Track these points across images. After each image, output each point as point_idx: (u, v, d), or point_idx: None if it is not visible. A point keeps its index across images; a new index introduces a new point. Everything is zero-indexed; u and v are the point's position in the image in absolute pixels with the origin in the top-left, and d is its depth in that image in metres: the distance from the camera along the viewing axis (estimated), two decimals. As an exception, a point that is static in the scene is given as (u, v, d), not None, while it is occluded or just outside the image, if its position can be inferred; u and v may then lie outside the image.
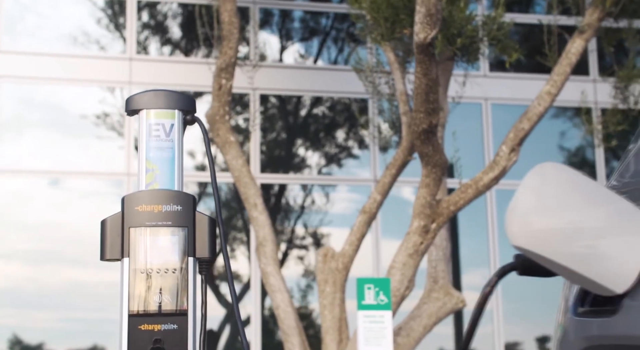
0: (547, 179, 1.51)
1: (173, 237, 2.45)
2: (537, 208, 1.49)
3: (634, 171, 1.81)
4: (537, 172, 1.51)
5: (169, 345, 2.35)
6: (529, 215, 1.47)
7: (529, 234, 1.47)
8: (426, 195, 5.94)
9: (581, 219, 1.48)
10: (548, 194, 1.50)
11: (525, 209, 1.48)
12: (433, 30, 4.98)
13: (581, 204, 1.50)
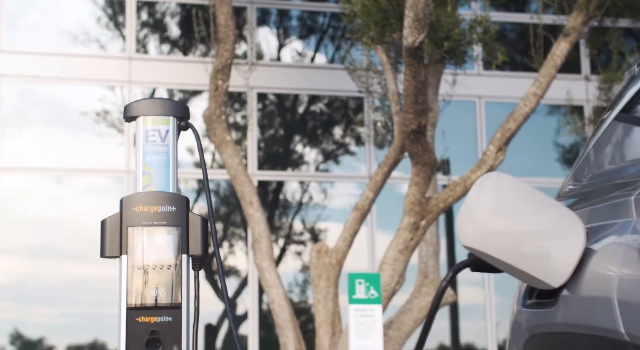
0: (495, 188, 1.70)
1: (168, 236, 2.64)
2: (486, 214, 1.68)
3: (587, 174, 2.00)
4: (485, 182, 1.70)
5: (164, 336, 2.54)
6: (479, 220, 1.67)
7: (478, 237, 1.66)
8: (416, 193, 6.13)
9: (525, 224, 1.68)
10: (497, 201, 1.69)
11: (475, 215, 1.68)
12: (421, 34, 5.16)
13: (525, 210, 1.69)
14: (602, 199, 1.76)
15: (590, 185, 1.92)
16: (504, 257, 1.65)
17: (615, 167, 1.87)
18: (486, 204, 1.68)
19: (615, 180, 1.77)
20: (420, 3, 5.05)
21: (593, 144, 1.99)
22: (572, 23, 6.15)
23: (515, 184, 1.71)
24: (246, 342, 11.05)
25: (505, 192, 1.70)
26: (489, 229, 1.66)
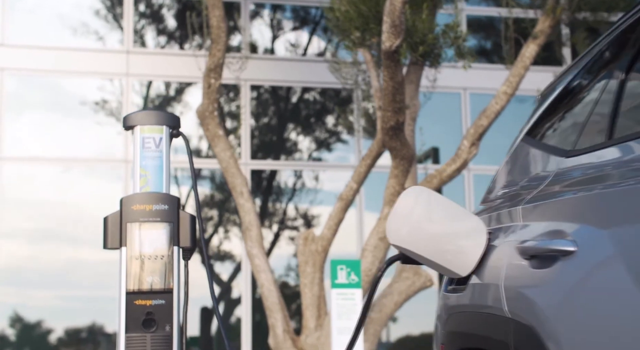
0: (427, 200, 2.14)
1: (161, 230, 3.09)
2: (422, 220, 2.12)
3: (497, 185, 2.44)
4: (418, 194, 2.14)
5: (158, 316, 2.99)
6: (416, 225, 2.10)
7: (411, 237, 2.10)
8: (395, 185, 6.57)
9: (447, 228, 2.12)
10: (429, 210, 2.13)
11: (412, 220, 2.11)
12: (397, 39, 5.58)
13: (447, 218, 2.13)
14: (501, 207, 2.20)
15: (497, 195, 2.36)
16: (426, 254, 2.09)
17: (514, 182, 2.31)
18: (422, 212, 2.12)
19: (512, 192, 2.21)
20: (397, 10, 5.46)
21: (505, 160, 2.43)
22: (540, 26, 6.57)
23: (439, 197, 2.15)
24: (240, 324, 11.50)
25: (434, 203, 2.13)
26: (424, 231, 2.10)
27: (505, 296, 1.90)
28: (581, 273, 1.64)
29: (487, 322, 1.98)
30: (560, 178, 1.96)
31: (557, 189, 1.92)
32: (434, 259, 2.10)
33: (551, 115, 2.30)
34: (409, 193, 2.15)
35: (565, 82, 2.29)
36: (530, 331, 1.75)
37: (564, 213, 1.81)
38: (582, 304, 1.62)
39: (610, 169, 1.75)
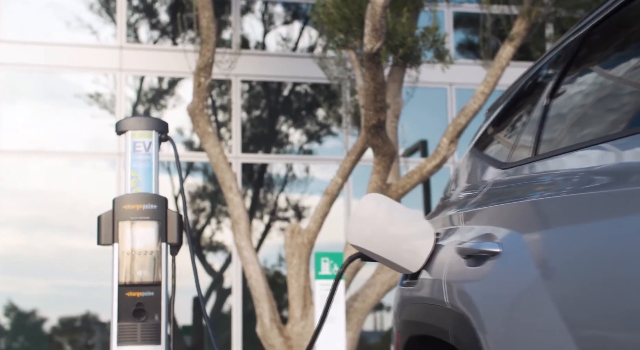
0: (388, 205, 2.42)
1: (151, 228, 3.37)
2: (385, 223, 2.40)
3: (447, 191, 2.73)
4: (371, 200, 2.42)
5: (147, 307, 3.28)
6: (380, 228, 2.38)
7: (365, 238, 2.38)
8: (377, 180, 6.85)
9: (404, 231, 2.40)
10: (390, 214, 2.41)
11: (376, 223, 2.39)
12: (378, 42, 5.85)
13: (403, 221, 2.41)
14: (448, 211, 2.49)
15: (448, 199, 2.65)
16: (383, 253, 2.38)
17: (461, 188, 2.60)
18: (384, 217, 2.40)
19: (458, 198, 2.50)
20: (377, 14, 5.73)
21: (456, 167, 2.71)
22: (516, 29, 6.86)
23: (395, 204, 2.44)
24: (230, 313, 11.79)
25: (393, 209, 2.42)
26: (386, 234, 2.38)
27: (446, 290, 2.19)
28: (504, 272, 1.93)
29: (432, 312, 2.27)
30: (495, 188, 2.25)
31: (491, 198, 2.21)
32: (389, 258, 2.38)
33: (493, 129, 2.59)
34: (370, 200, 2.43)
35: (507, 99, 2.57)
36: (465, 320, 2.04)
37: (494, 219, 2.10)
38: (504, 298, 1.91)
39: (532, 182, 2.03)
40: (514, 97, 2.53)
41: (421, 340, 2.41)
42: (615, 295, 1.51)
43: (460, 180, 2.64)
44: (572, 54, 2.10)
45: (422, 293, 2.36)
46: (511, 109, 2.52)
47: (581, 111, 2.01)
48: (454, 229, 2.33)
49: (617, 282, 1.52)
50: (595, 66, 2.04)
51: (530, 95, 2.38)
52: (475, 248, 2.06)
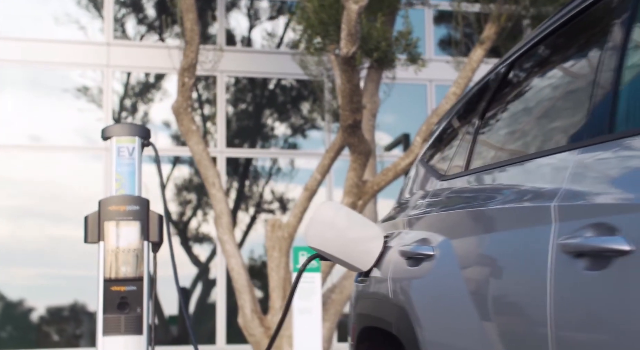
0: (346, 212, 2.72)
1: (133, 227, 3.67)
2: (345, 227, 2.70)
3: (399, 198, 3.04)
4: (331, 208, 2.72)
5: (130, 300, 3.58)
6: (341, 231, 2.68)
7: (320, 241, 2.69)
8: (354, 177, 7.16)
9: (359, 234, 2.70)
10: (349, 219, 2.71)
11: (336, 227, 2.69)
12: (354, 46, 6.14)
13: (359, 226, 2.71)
14: (397, 216, 2.80)
15: (399, 205, 2.96)
16: (339, 254, 2.68)
17: (408, 196, 2.90)
18: (343, 222, 2.70)
19: (406, 204, 2.81)
20: (352, 20, 6.02)
21: (408, 175, 3.02)
22: (486, 33, 7.17)
23: (351, 211, 2.74)
24: (215, 304, 12.09)
25: (350, 216, 2.73)
26: (345, 237, 2.69)
27: (391, 287, 2.49)
28: (436, 272, 2.24)
29: (380, 306, 2.57)
30: (434, 197, 2.55)
31: (430, 206, 2.52)
32: (344, 258, 2.69)
33: (438, 143, 2.90)
34: (329, 207, 2.73)
35: (450, 116, 2.88)
36: (405, 314, 2.35)
37: (430, 225, 2.41)
38: (436, 295, 2.22)
39: (462, 194, 2.34)
40: (454, 115, 2.84)
41: (371, 331, 2.72)
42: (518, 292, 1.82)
43: (410, 188, 2.94)
44: (500, 81, 2.41)
45: (372, 289, 2.67)
46: (452, 126, 2.83)
47: (503, 133, 2.32)
48: (399, 232, 2.64)
49: (519, 281, 1.83)
50: (516, 93, 2.35)
51: (466, 115, 2.69)
52: (413, 251, 2.37)
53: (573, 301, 1.59)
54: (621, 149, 1.61)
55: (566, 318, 1.60)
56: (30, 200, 12.47)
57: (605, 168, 1.64)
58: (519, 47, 2.35)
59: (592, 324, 1.54)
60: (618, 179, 1.57)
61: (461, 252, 2.14)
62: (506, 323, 1.86)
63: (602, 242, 1.50)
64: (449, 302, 2.13)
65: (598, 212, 1.56)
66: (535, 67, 2.29)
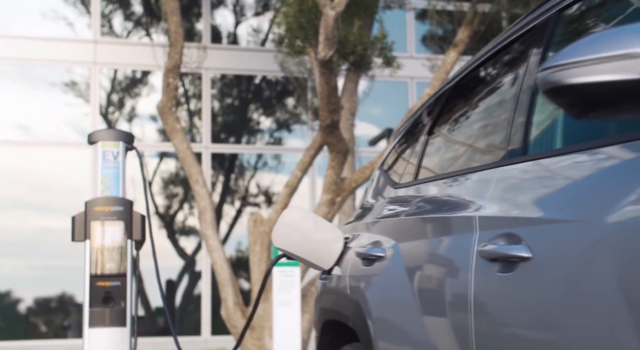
0: (312, 216, 2.99)
1: (118, 227, 3.93)
2: (312, 230, 2.97)
3: (361, 201, 3.32)
4: (297, 213, 2.99)
5: (114, 295, 3.85)
6: (307, 234, 2.95)
7: (287, 243, 2.96)
8: (332, 175, 7.43)
9: (322, 237, 2.98)
10: (315, 223, 2.98)
11: (303, 230, 2.96)
12: (331, 50, 6.41)
13: (322, 229, 2.99)
14: (357, 220, 3.08)
15: (359, 210, 3.24)
16: (304, 255, 2.96)
17: (369, 201, 3.18)
18: (310, 226, 2.98)
19: (366, 209, 3.09)
20: (329, 25, 6.29)
21: (370, 182, 3.30)
22: (460, 36, 7.45)
23: (315, 216, 3.02)
24: (200, 297, 12.36)
25: (315, 220, 3.00)
26: (311, 239, 2.96)
27: (348, 284, 2.77)
28: (385, 271, 2.52)
29: (339, 301, 2.85)
30: (388, 204, 2.83)
31: (384, 212, 2.80)
32: (308, 258, 2.97)
33: (394, 153, 3.18)
34: (295, 212, 3.01)
35: (405, 129, 3.16)
36: (359, 308, 2.62)
37: (383, 229, 2.68)
38: (384, 292, 2.50)
39: (409, 202, 2.62)
40: (408, 128, 3.12)
41: (333, 324, 3.00)
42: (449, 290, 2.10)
43: (371, 193, 3.22)
44: (444, 102, 2.69)
45: (333, 286, 2.95)
46: (406, 138, 3.11)
47: (444, 149, 2.60)
48: (358, 235, 2.92)
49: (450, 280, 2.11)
50: (455, 115, 2.63)
51: (417, 128, 2.96)
52: (367, 252, 2.65)
53: (488, 298, 1.87)
54: (531, 169, 1.89)
55: (483, 311, 1.89)
56: (17, 190, 12.47)
57: (517, 185, 1.92)
58: (458, 73, 2.63)
59: (503, 316, 1.82)
60: (525, 195, 1.85)
61: (406, 254, 2.41)
62: (440, 315, 2.14)
63: (510, 250, 1.78)
64: (396, 299, 2.41)
65: (508, 224, 1.84)
66: (469, 93, 2.57)
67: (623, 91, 1.31)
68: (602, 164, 1.61)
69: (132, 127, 13.35)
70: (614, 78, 1.31)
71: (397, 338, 2.40)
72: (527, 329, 1.72)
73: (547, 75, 1.38)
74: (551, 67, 1.38)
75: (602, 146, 1.61)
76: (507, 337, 1.79)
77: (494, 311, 1.86)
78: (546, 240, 1.68)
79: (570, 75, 1.35)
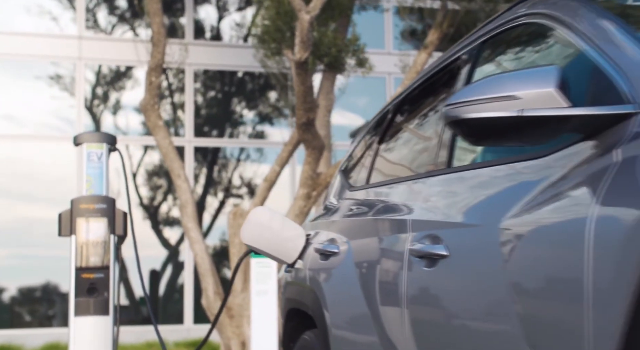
0: (279, 215, 3.31)
1: (101, 223, 4.24)
2: (280, 228, 3.29)
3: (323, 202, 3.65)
4: (265, 213, 3.31)
5: (98, 286, 4.16)
6: (276, 232, 3.27)
7: (255, 239, 3.28)
8: (308, 170, 7.76)
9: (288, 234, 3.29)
10: (282, 222, 3.30)
11: (272, 228, 3.28)
12: (306, 52, 6.73)
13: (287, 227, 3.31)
14: (319, 218, 3.41)
15: (323, 209, 3.57)
16: (271, 250, 3.28)
17: (329, 201, 3.51)
18: (278, 224, 3.30)
19: (327, 208, 3.42)
20: (305, 29, 6.60)
21: (331, 183, 3.63)
22: (430, 38, 7.78)
23: (282, 215, 3.34)
24: (183, 287, 12.67)
25: (283, 219, 3.32)
26: (279, 237, 3.28)
27: (308, 276, 3.10)
28: (338, 266, 2.85)
29: (300, 291, 3.18)
30: (344, 204, 3.16)
31: (340, 212, 3.13)
32: (274, 253, 3.29)
33: (352, 157, 3.51)
34: (264, 212, 3.32)
35: (360, 135, 3.49)
36: (316, 297, 2.95)
37: (338, 228, 3.01)
38: (338, 283, 2.83)
39: (360, 204, 2.95)
40: (363, 136, 3.45)
41: (296, 313, 3.33)
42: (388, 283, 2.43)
43: (332, 194, 3.55)
44: (390, 118, 3.02)
45: (295, 278, 3.28)
46: (362, 143, 3.44)
47: (389, 158, 2.93)
48: (318, 233, 3.25)
49: (389, 275, 2.44)
50: (399, 128, 2.96)
51: (370, 138, 3.30)
52: (324, 248, 2.98)
53: (417, 290, 2.20)
54: (452, 180, 2.22)
55: (413, 301, 2.22)
56: (1, 179, 12.50)
57: (440, 193, 2.26)
58: (402, 92, 2.97)
59: (428, 305, 2.16)
60: (445, 202, 2.19)
61: (356, 251, 2.75)
62: (381, 305, 2.48)
63: (432, 249, 2.11)
64: (347, 290, 2.74)
65: (432, 226, 2.17)
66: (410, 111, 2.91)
67: (505, 125, 1.64)
68: (499, 179, 1.95)
69: (117, 119, 13.61)
70: (497, 114, 1.64)
71: (348, 325, 2.73)
72: (447, 316, 2.06)
73: (448, 110, 1.71)
74: (452, 104, 1.71)
75: (501, 164, 1.95)
76: (431, 323, 2.13)
77: (421, 301, 2.19)
78: (460, 241, 2.01)
79: (465, 112, 1.68)
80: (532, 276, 1.65)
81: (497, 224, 1.81)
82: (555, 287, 1.55)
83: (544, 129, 1.62)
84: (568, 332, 1.49)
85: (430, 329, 2.12)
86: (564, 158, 1.70)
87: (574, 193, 1.57)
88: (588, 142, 1.64)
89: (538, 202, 1.69)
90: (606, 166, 1.51)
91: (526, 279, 1.67)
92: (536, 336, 1.61)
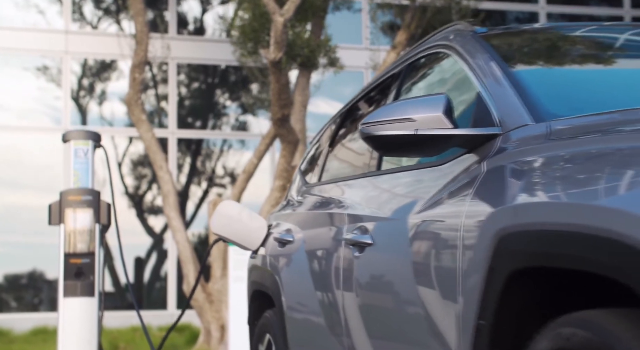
0: (245, 209, 3.76)
1: (87, 213, 4.68)
2: (248, 220, 3.73)
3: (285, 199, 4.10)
4: (235, 206, 3.76)
5: (85, 270, 4.60)
6: (245, 223, 3.72)
7: (225, 230, 3.73)
8: (284, 163, 8.20)
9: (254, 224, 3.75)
10: (250, 215, 3.75)
11: (241, 219, 3.72)
12: (280, 52, 7.16)
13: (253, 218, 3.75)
14: (280, 210, 3.87)
15: (284, 203, 4.02)
16: (238, 239, 3.73)
17: (290, 195, 3.97)
18: (246, 217, 3.75)
19: (288, 202, 3.88)
20: (279, 30, 7.03)
21: (293, 177, 4.09)
22: (398, 38, 8.23)
23: (247, 209, 3.79)
24: (167, 274, 13.10)
25: (249, 212, 3.78)
26: (247, 227, 3.73)
27: (269, 261, 3.56)
28: (292, 253, 3.30)
29: (262, 275, 3.64)
30: (300, 199, 3.62)
31: (297, 206, 3.58)
32: (241, 242, 3.75)
33: (310, 156, 3.97)
34: (232, 206, 3.77)
35: (318, 136, 3.95)
36: (275, 280, 3.41)
37: (294, 220, 3.47)
38: (292, 268, 3.29)
39: (313, 198, 3.40)
40: (318, 138, 3.91)
41: (259, 294, 3.79)
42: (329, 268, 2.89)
43: (293, 190, 4.01)
44: (339, 123, 3.48)
45: (259, 263, 3.73)
46: (317, 144, 3.90)
47: (338, 158, 3.39)
48: (278, 223, 3.70)
49: (329, 261, 2.90)
50: (347, 133, 3.42)
51: (322, 140, 3.75)
52: (281, 237, 3.44)
53: (350, 273, 2.66)
54: (378, 180, 2.68)
55: (347, 284, 2.68)
56: None
57: (369, 191, 2.71)
58: (350, 101, 3.42)
59: (357, 287, 2.62)
60: (374, 199, 2.64)
61: (306, 240, 3.20)
62: (325, 289, 2.94)
63: (361, 238, 2.56)
64: (299, 274, 3.20)
65: (361, 219, 2.62)
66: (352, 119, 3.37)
67: (405, 140, 2.10)
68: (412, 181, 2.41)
69: (103, 109, 13.96)
70: (399, 133, 2.09)
71: (299, 305, 3.19)
72: (372, 296, 2.52)
73: (363, 128, 2.17)
74: (366, 123, 2.16)
75: (414, 169, 2.41)
76: (361, 303, 2.59)
77: (353, 283, 2.65)
78: (381, 231, 2.47)
79: (376, 130, 2.13)
80: (426, 260, 2.11)
81: (407, 218, 2.27)
82: (441, 265, 2.02)
83: (435, 144, 2.08)
84: (446, 305, 1.96)
85: (361, 308, 2.58)
86: (453, 166, 2.16)
87: (457, 193, 2.03)
88: (469, 155, 2.10)
89: (435, 200, 2.15)
90: (478, 174, 1.97)
91: (423, 262, 2.13)
92: (429, 307, 2.07)
